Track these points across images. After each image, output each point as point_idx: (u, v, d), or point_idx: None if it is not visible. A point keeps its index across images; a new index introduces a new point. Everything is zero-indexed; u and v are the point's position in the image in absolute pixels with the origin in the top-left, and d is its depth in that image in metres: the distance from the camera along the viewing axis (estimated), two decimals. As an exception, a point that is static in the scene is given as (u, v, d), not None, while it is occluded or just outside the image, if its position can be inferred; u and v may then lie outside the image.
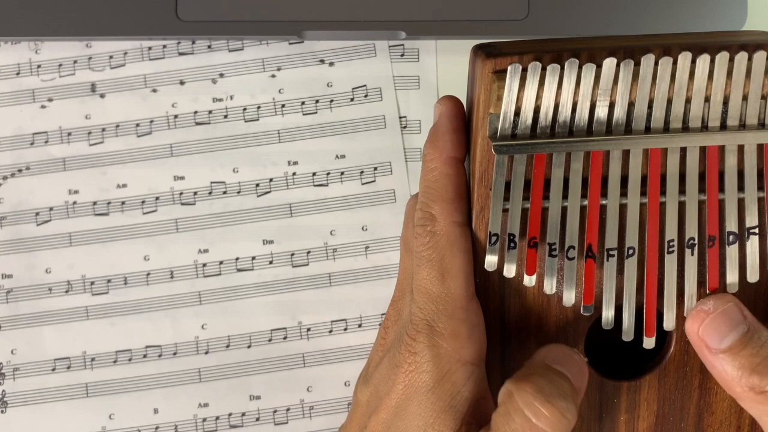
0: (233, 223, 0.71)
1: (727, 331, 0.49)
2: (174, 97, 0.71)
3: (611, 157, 0.48)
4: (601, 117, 0.47)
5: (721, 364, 0.49)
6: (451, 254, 0.50)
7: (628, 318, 0.50)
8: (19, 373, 0.70)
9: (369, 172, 0.71)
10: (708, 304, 0.50)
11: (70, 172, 0.71)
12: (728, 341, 0.49)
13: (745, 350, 0.48)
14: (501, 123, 0.48)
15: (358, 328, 0.70)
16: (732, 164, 0.48)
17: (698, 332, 0.50)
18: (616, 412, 0.53)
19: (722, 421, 0.53)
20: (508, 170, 0.48)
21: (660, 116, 0.47)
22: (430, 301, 0.50)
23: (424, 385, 0.50)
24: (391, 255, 0.70)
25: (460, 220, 0.51)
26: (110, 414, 0.70)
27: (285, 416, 0.70)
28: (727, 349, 0.49)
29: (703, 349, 0.50)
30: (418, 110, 0.71)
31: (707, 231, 0.49)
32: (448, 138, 0.51)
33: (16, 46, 0.71)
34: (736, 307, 0.49)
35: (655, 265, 0.49)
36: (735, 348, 0.49)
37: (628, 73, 0.47)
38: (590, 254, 0.49)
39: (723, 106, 0.48)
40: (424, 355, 0.50)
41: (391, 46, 0.71)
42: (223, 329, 0.70)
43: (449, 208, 0.51)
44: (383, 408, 0.53)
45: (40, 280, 0.70)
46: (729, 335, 0.49)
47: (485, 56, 0.48)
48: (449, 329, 0.50)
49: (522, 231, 0.49)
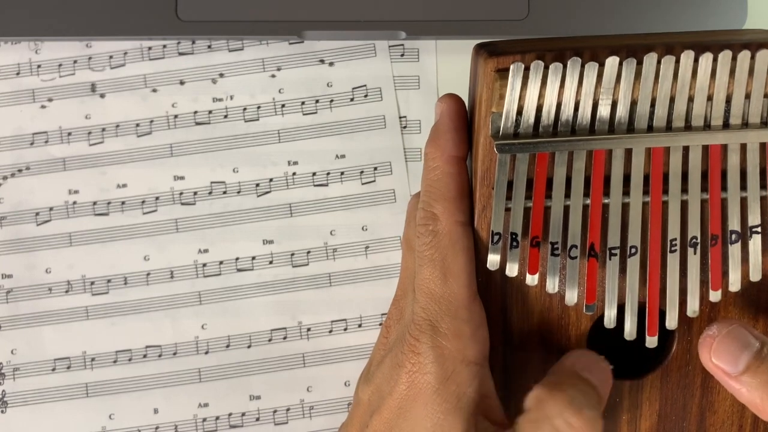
0: (233, 223, 0.71)
1: (739, 353, 0.49)
2: (174, 97, 0.71)
3: (614, 156, 0.48)
4: (603, 116, 0.47)
5: (745, 388, 0.49)
6: (453, 254, 0.50)
7: (631, 317, 0.50)
8: (19, 373, 0.70)
9: (369, 172, 0.71)
10: (712, 329, 0.50)
11: (70, 172, 0.71)
12: (743, 362, 0.49)
13: (763, 366, 0.48)
14: (503, 122, 0.48)
15: (358, 328, 0.70)
16: (734, 163, 0.48)
17: (711, 359, 0.50)
18: (619, 412, 0.53)
19: (724, 420, 0.53)
20: (510, 169, 0.48)
21: (662, 115, 0.47)
22: (432, 301, 0.50)
23: (429, 386, 0.50)
24: (391, 255, 0.70)
25: (463, 219, 0.51)
26: (110, 414, 0.70)
27: (285, 416, 0.70)
28: (745, 370, 0.49)
29: (723, 377, 0.50)
30: (418, 110, 0.71)
31: (710, 230, 0.49)
32: (450, 137, 0.51)
33: (16, 46, 0.71)
34: (741, 328, 0.49)
35: (658, 264, 0.49)
36: (752, 366, 0.48)
37: (631, 72, 0.47)
38: (593, 253, 0.49)
39: (726, 105, 0.48)
40: (427, 355, 0.50)
41: (391, 46, 0.71)
42: (223, 329, 0.70)
43: (451, 207, 0.50)
44: (386, 407, 0.53)
45: (40, 280, 0.70)
46: (742, 356, 0.49)
47: (487, 55, 0.48)
48: (452, 329, 0.50)
49: (524, 230, 0.49)
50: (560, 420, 0.47)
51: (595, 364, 0.50)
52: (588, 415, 0.47)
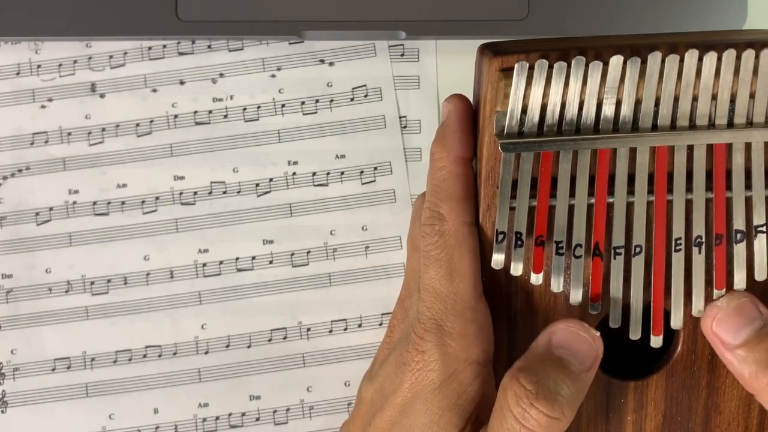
0: (233, 223, 0.70)
1: (742, 326, 0.49)
2: (174, 97, 0.71)
3: (618, 155, 0.48)
4: (607, 115, 0.48)
5: (737, 360, 0.49)
6: (459, 254, 0.50)
7: (635, 316, 0.50)
8: (19, 373, 0.70)
9: (369, 172, 0.71)
10: (722, 300, 0.50)
11: (70, 172, 0.70)
12: (743, 336, 0.49)
13: (761, 344, 0.48)
14: (508, 121, 0.48)
15: (358, 328, 0.70)
16: (739, 162, 0.48)
17: (712, 327, 0.50)
18: (623, 413, 0.53)
19: (730, 421, 0.53)
20: (515, 168, 0.49)
21: (667, 114, 0.48)
22: (438, 301, 0.50)
23: (431, 383, 0.50)
24: (390, 255, 0.70)
25: (469, 219, 0.51)
26: (110, 414, 0.70)
27: (285, 416, 0.70)
28: (743, 344, 0.49)
29: (718, 346, 0.50)
30: (418, 110, 0.71)
31: (714, 229, 0.49)
32: (457, 137, 0.51)
33: (16, 46, 0.71)
34: (750, 302, 0.49)
35: (662, 263, 0.49)
36: (751, 342, 0.48)
37: (635, 71, 0.47)
38: (597, 252, 0.49)
39: (730, 104, 0.48)
40: (432, 354, 0.50)
41: (391, 46, 0.71)
42: (223, 329, 0.70)
43: (458, 207, 0.50)
44: (389, 406, 0.53)
45: (40, 280, 0.70)
46: (744, 329, 0.49)
47: (492, 54, 0.48)
48: (457, 329, 0.50)
49: (529, 229, 0.49)
50: (519, 409, 0.47)
51: (573, 335, 0.49)
52: (546, 405, 0.47)
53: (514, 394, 0.47)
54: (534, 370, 0.48)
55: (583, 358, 0.49)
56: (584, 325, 0.49)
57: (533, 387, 0.47)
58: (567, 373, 0.48)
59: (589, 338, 0.49)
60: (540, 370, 0.48)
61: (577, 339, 0.49)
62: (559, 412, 0.47)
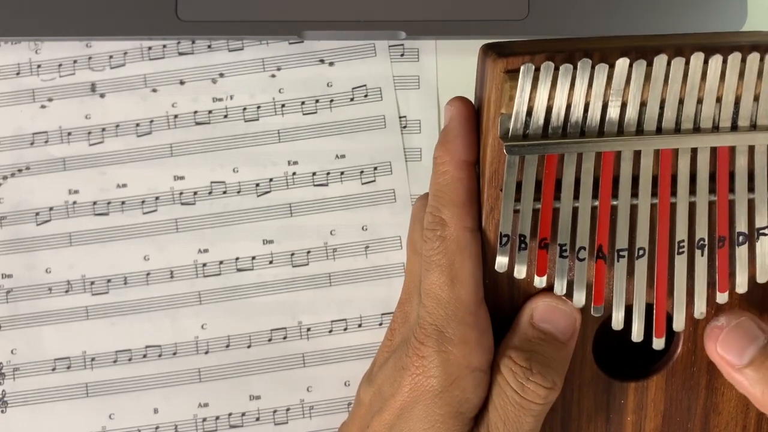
0: (233, 223, 0.70)
1: (746, 345, 0.49)
2: (174, 97, 0.71)
3: (622, 158, 0.48)
4: (612, 117, 0.47)
5: (747, 381, 0.49)
6: (461, 260, 0.50)
7: (638, 319, 0.50)
8: (19, 373, 0.70)
9: (369, 171, 0.71)
10: (720, 320, 0.50)
11: (70, 172, 0.70)
12: (749, 355, 0.49)
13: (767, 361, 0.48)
14: (512, 123, 0.48)
15: (358, 328, 0.70)
16: (742, 165, 0.48)
17: (717, 350, 0.50)
18: (623, 413, 0.53)
19: (728, 421, 0.53)
20: (519, 170, 0.48)
21: (671, 117, 0.47)
22: (439, 306, 0.50)
23: (432, 389, 0.50)
24: (390, 255, 0.70)
25: (471, 225, 0.50)
26: (110, 414, 0.70)
27: (285, 416, 0.70)
28: (749, 363, 0.49)
29: (726, 368, 0.50)
30: (417, 110, 0.71)
31: (717, 231, 0.49)
32: (460, 141, 0.51)
33: (16, 46, 0.71)
34: (750, 320, 0.50)
35: (666, 265, 0.49)
36: (757, 361, 0.49)
37: (641, 74, 0.46)
38: (601, 255, 0.49)
39: (734, 107, 0.48)
40: (432, 359, 0.50)
41: (391, 46, 0.71)
42: (223, 329, 0.70)
43: (460, 212, 0.50)
44: (387, 409, 0.53)
45: (40, 280, 0.70)
46: (748, 349, 0.49)
47: (496, 56, 0.48)
48: (458, 335, 0.50)
49: (533, 232, 0.49)
50: (517, 383, 0.50)
51: (552, 310, 0.51)
52: (541, 376, 0.49)
53: (510, 372, 0.50)
54: (524, 347, 0.50)
55: (564, 328, 0.51)
56: (562, 298, 0.51)
57: (527, 363, 0.49)
58: (553, 345, 0.50)
59: (567, 309, 0.51)
60: (529, 347, 0.50)
61: (556, 312, 0.51)
62: (551, 382, 0.49)
